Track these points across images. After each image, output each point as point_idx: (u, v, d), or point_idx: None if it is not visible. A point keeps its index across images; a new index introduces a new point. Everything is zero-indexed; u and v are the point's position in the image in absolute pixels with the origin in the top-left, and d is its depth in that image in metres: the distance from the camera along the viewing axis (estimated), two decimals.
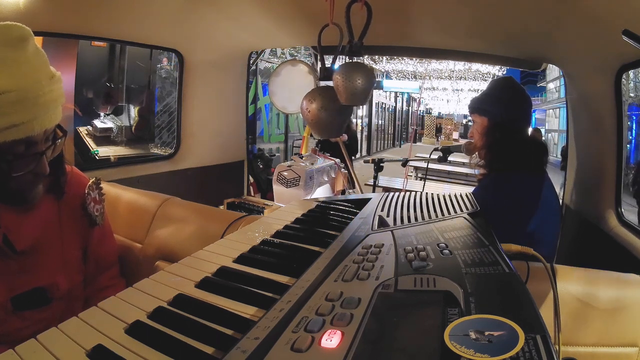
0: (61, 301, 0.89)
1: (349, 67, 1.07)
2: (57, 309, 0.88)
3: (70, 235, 0.94)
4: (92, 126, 4.11)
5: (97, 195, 1.01)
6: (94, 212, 0.99)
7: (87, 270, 0.99)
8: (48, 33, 1.49)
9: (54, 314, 0.87)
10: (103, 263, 1.04)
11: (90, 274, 1.00)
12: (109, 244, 1.08)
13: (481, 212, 0.74)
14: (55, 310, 0.88)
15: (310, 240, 0.67)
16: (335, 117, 1.18)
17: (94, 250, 1.01)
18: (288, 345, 0.35)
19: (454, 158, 5.06)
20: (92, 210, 0.98)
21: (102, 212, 1.03)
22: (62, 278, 0.89)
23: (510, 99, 1.17)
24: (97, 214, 0.99)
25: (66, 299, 0.90)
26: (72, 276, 0.93)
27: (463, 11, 1.37)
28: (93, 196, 1.00)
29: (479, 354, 0.31)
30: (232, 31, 1.82)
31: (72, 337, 0.41)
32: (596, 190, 1.46)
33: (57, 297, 0.88)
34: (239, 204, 1.92)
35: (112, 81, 4.32)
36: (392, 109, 17.44)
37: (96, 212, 0.99)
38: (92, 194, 0.99)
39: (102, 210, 1.03)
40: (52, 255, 0.89)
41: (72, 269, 0.94)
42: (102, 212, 1.02)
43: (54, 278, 0.88)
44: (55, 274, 0.88)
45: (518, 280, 0.44)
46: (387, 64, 11.15)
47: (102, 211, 1.03)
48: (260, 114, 6.75)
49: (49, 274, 0.87)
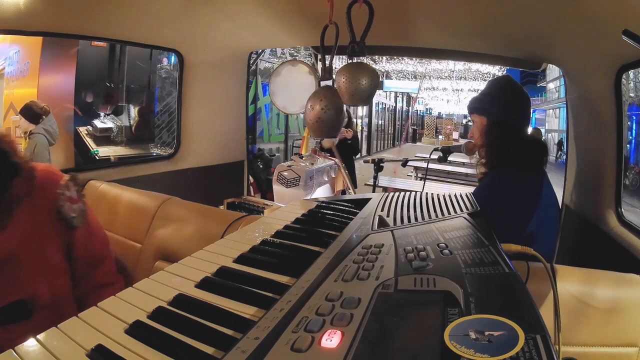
0: (46, 310, 0.85)
1: (353, 68, 1.07)
2: (43, 319, 0.83)
3: (47, 240, 0.89)
4: (92, 126, 4.12)
5: (75, 193, 0.93)
6: (71, 213, 0.91)
7: (77, 270, 0.95)
8: (48, 33, 1.49)
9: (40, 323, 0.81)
10: (93, 260, 0.99)
11: (80, 272, 0.96)
12: (97, 239, 1.02)
13: (481, 212, 0.74)
14: (42, 319, 0.83)
15: (310, 240, 0.67)
16: (337, 116, 1.18)
17: (81, 251, 0.96)
18: (288, 345, 0.35)
19: (454, 158, 5.07)
20: (67, 212, 0.90)
21: (83, 209, 0.95)
22: (43, 287, 0.85)
23: (508, 98, 1.18)
24: (74, 214, 0.91)
25: (51, 306, 0.86)
26: (53, 281, 0.88)
27: (463, 11, 1.37)
28: (69, 195, 0.91)
29: (479, 354, 0.31)
30: (232, 31, 1.82)
31: (72, 337, 0.41)
32: (596, 190, 1.46)
33: (40, 307, 0.84)
34: (239, 204, 1.91)
35: (112, 81, 4.33)
36: (392, 109, 17.44)
37: (73, 212, 0.91)
38: (68, 193, 0.91)
39: (83, 208, 0.95)
40: (29, 265, 0.84)
41: (53, 274, 0.89)
42: (82, 209, 0.94)
43: (34, 289, 0.83)
44: (34, 285, 0.84)
45: (518, 280, 0.44)
46: (387, 64, 11.16)
47: (83, 208, 0.95)
48: (260, 114, 6.75)
49: (28, 286, 0.83)
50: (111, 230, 1.40)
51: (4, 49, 3.74)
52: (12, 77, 3.74)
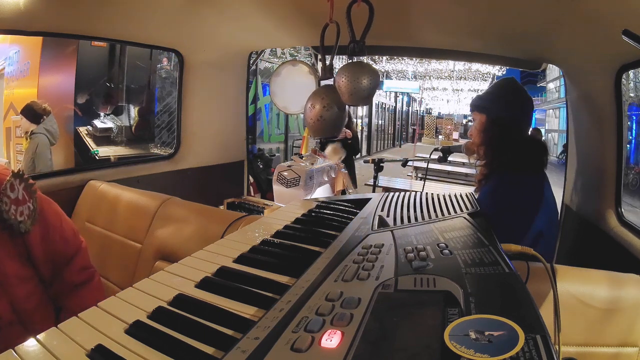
0: (13, 325, 0.78)
1: (354, 67, 1.07)
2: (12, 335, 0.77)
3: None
4: (92, 126, 4.12)
5: (22, 193, 0.82)
6: (17, 218, 0.80)
7: (43, 273, 0.88)
8: (48, 33, 1.49)
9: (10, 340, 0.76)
10: (59, 259, 0.91)
11: (48, 275, 0.89)
12: (58, 238, 0.92)
13: (486, 215, 0.74)
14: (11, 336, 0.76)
15: (310, 240, 0.67)
16: (338, 116, 1.18)
17: (41, 253, 0.87)
18: (288, 345, 0.35)
19: (454, 158, 5.07)
20: (13, 217, 0.79)
21: (34, 209, 0.84)
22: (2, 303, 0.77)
23: (510, 98, 1.18)
24: (21, 218, 0.80)
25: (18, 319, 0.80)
26: (14, 293, 0.80)
27: (463, 11, 1.37)
28: (14, 197, 0.80)
29: (479, 354, 0.31)
30: (232, 31, 1.82)
31: (72, 337, 0.41)
32: (596, 190, 1.46)
33: (5, 325, 0.77)
34: (239, 204, 1.91)
35: (112, 81, 4.33)
36: (392, 109, 17.44)
37: (20, 216, 0.80)
38: (12, 195, 0.79)
39: (34, 207, 0.84)
40: None
41: (12, 285, 0.80)
42: (32, 210, 0.83)
43: None
44: None
45: (518, 280, 0.44)
46: (387, 64, 11.15)
47: (34, 207, 0.84)
48: (260, 114, 6.74)
49: None
50: (111, 230, 1.41)
51: (4, 49, 3.73)
52: (12, 77, 3.74)
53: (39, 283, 0.87)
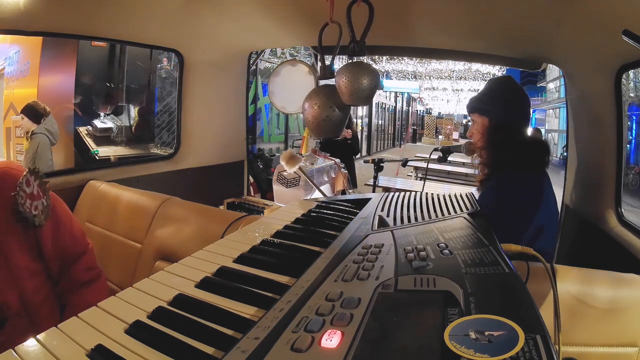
0: (20, 317, 0.81)
1: (354, 67, 1.06)
2: (18, 326, 0.79)
3: (10, 244, 0.82)
4: (92, 126, 4.12)
5: (36, 189, 0.86)
6: (32, 212, 0.84)
7: (52, 269, 0.91)
8: (48, 33, 1.49)
9: (16, 331, 0.78)
10: (67, 257, 0.94)
11: (56, 271, 0.92)
12: (68, 235, 0.96)
13: (486, 216, 0.74)
14: (17, 327, 0.79)
15: (310, 240, 0.67)
16: (338, 116, 1.17)
17: (51, 249, 0.90)
18: (288, 345, 0.35)
19: (454, 158, 5.07)
20: (28, 211, 0.83)
21: (47, 205, 0.88)
22: (11, 294, 0.80)
23: (511, 99, 1.18)
24: (35, 212, 0.85)
25: (26, 312, 0.82)
26: (23, 286, 0.83)
27: (463, 11, 1.37)
28: (29, 192, 0.84)
29: (479, 354, 0.31)
30: (232, 31, 1.82)
31: (72, 337, 0.41)
32: (596, 190, 1.46)
33: (12, 315, 0.79)
34: (239, 204, 1.91)
35: (112, 81, 4.33)
36: (392, 109, 17.44)
37: (35, 210, 0.84)
38: (28, 190, 0.84)
39: (47, 203, 0.88)
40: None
41: (22, 278, 0.83)
42: (46, 206, 0.88)
43: (2, 298, 0.79)
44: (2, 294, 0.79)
45: (518, 280, 0.44)
46: (387, 64, 11.15)
47: (47, 204, 0.88)
48: (260, 114, 6.74)
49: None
50: (111, 230, 1.41)
51: (4, 49, 3.74)
52: (12, 77, 3.74)
53: (47, 279, 0.90)
